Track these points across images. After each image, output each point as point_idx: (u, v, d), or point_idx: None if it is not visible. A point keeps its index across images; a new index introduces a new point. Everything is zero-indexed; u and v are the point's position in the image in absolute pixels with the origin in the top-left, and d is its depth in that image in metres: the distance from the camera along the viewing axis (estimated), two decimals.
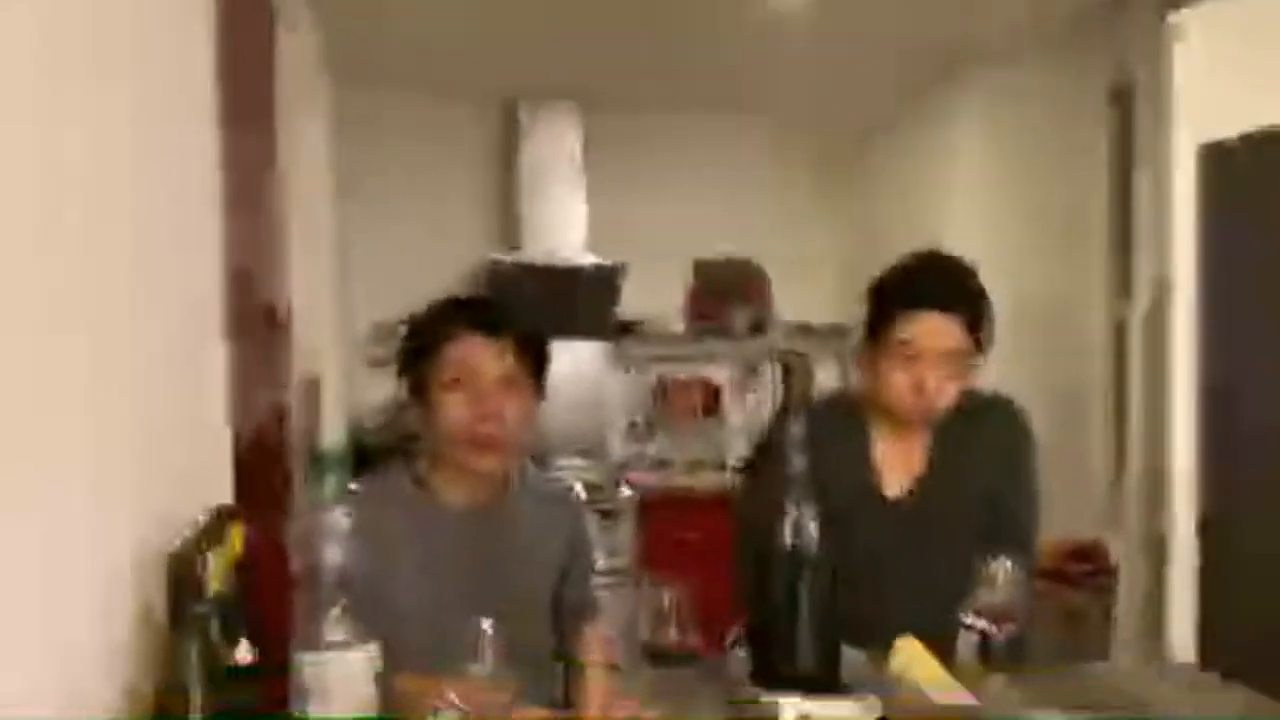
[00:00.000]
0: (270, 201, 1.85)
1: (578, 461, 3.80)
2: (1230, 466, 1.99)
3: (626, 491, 3.65)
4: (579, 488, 1.68)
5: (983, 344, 1.40)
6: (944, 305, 1.35)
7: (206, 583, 0.82)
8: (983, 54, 3.33)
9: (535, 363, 1.33)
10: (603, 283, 3.85)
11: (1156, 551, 2.41)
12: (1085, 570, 2.98)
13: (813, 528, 0.79)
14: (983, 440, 1.47)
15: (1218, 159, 1.97)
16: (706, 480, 3.88)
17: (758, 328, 4.21)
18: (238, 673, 0.84)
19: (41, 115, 0.69)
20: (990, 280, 1.42)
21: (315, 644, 0.89)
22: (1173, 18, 2.16)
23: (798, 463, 0.78)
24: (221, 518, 0.93)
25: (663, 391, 4.21)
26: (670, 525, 3.51)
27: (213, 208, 1.26)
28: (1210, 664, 1.75)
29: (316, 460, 0.93)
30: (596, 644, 1.45)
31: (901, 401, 1.39)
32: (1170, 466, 2.16)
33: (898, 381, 1.38)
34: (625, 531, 3.59)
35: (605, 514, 3.55)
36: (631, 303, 4.00)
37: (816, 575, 0.79)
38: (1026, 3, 2.90)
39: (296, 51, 2.24)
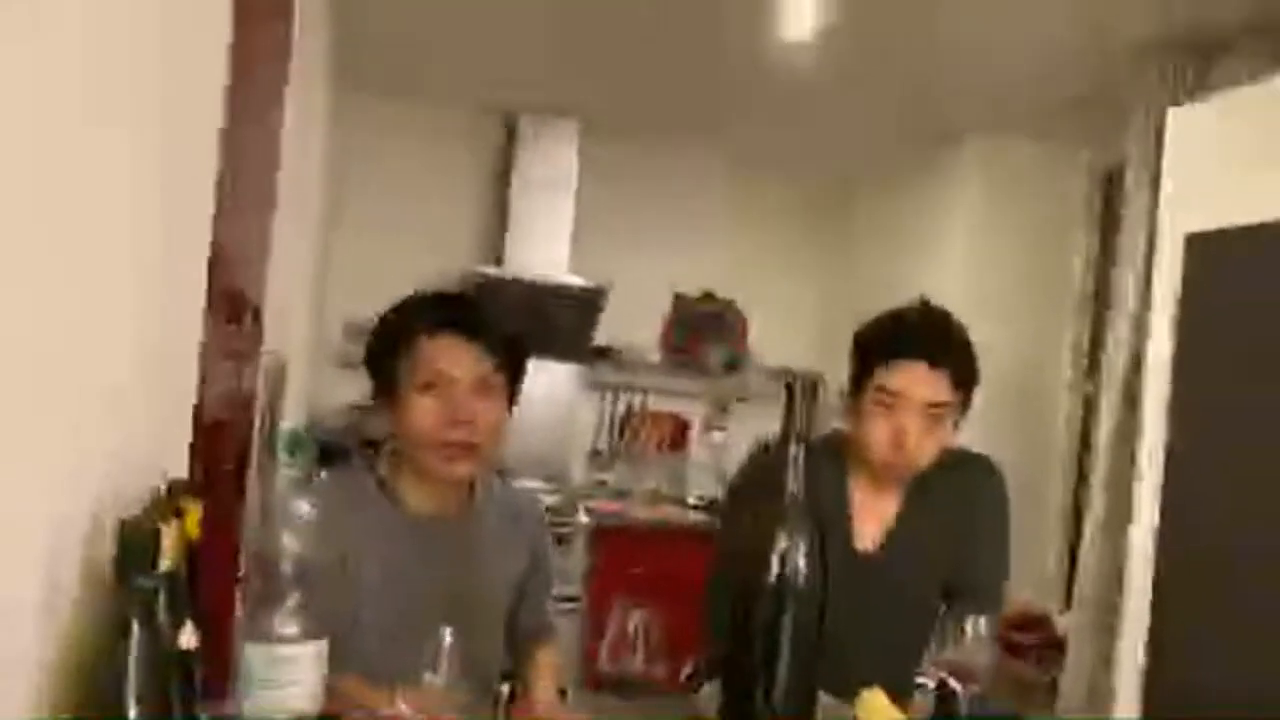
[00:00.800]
0: (264, 188, 1.81)
1: (539, 484, 3.74)
2: (1188, 547, 2.01)
3: (584, 518, 3.60)
4: (542, 501, 1.65)
5: (967, 400, 1.39)
6: (929, 356, 1.35)
7: (158, 557, 0.77)
8: (980, 124, 3.41)
9: (512, 369, 1.27)
10: (583, 304, 3.84)
11: (1106, 627, 2.42)
12: (1032, 641, 2.99)
13: (803, 560, 0.77)
14: (956, 498, 1.46)
15: (1203, 248, 2.02)
16: (664, 514, 3.85)
17: (732, 367, 4.21)
18: (179, 657, 0.79)
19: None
20: None
21: (265, 635, 0.85)
22: (1173, 110, 2.23)
23: (794, 489, 0.76)
24: (176, 493, 0.88)
25: (630, 421, 4.18)
26: (622, 556, 3.46)
27: (209, 195, 1.22)
28: None
29: (284, 437, 0.89)
30: (547, 667, 1.41)
31: (880, 451, 1.37)
32: (1128, 544, 2.17)
33: (878, 430, 1.37)
34: (577, 559, 3.54)
35: (560, 539, 3.49)
36: (608, 329, 3.99)
37: (802, 609, 0.76)
38: (1028, 82, 2.98)
39: (303, 46, 2.21)
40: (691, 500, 4.07)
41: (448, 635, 0.86)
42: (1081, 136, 3.34)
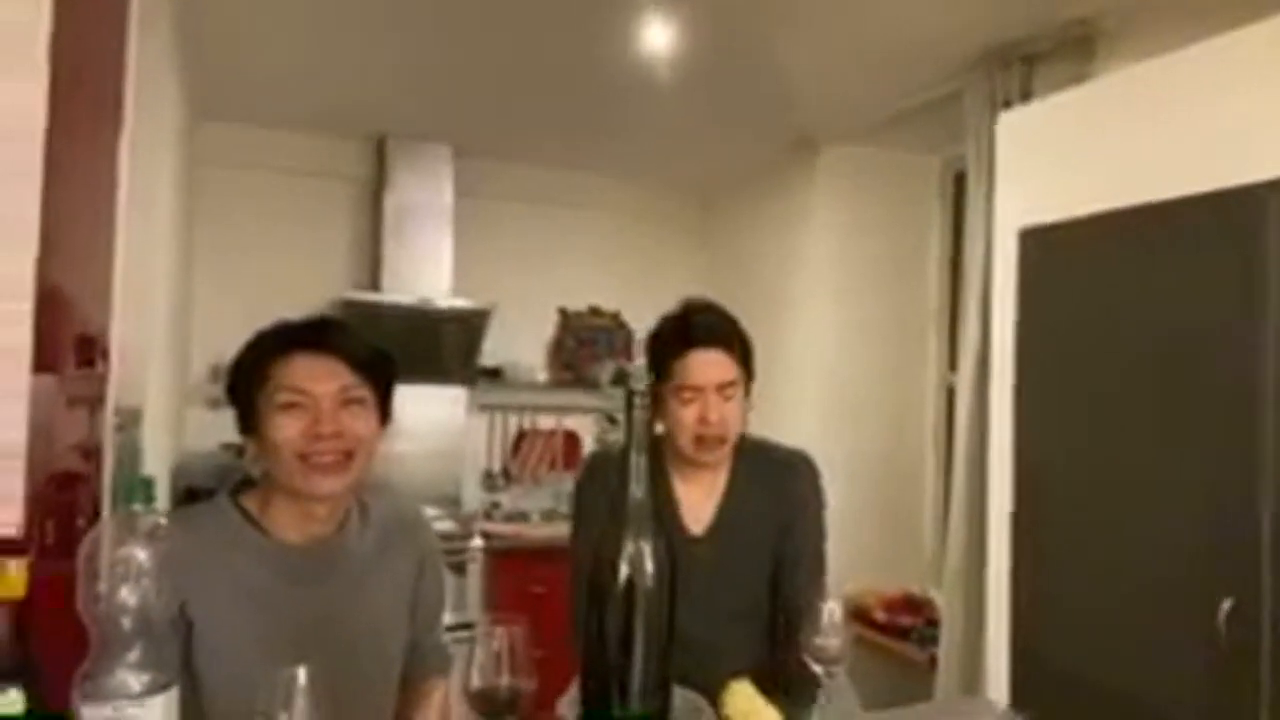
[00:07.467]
0: (102, 216, 1.71)
1: (432, 510, 3.67)
2: (1040, 526, 2.15)
3: (478, 542, 3.56)
4: (424, 511, 1.59)
5: (750, 378, 1.53)
6: (712, 342, 1.49)
7: None
8: (837, 134, 3.57)
9: (376, 381, 1.24)
10: (467, 326, 3.80)
11: (975, 603, 2.56)
12: (913, 622, 3.14)
13: (650, 562, 0.79)
14: (774, 490, 1.57)
15: (1035, 241, 2.19)
16: (561, 532, 3.83)
17: (620, 380, 4.25)
18: None
19: None
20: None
21: (103, 693, 0.81)
22: (1002, 115, 2.41)
23: (639, 495, 0.79)
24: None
25: (521, 441, 4.16)
26: (521, 577, 3.43)
27: (32, 207, 1.15)
28: (1022, 705, 1.86)
29: (129, 484, 0.85)
30: (438, 704, 1.38)
31: (691, 429, 1.48)
32: (987, 525, 2.31)
33: (685, 417, 1.48)
34: (475, 584, 3.49)
35: (456, 567, 3.44)
36: (495, 350, 3.96)
37: (651, 609, 0.79)
38: (872, 93, 3.15)
39: (151, 61, 2.11)
40: None
41: (302, 674, 0.84)
42: (928, 143, 3.55)
